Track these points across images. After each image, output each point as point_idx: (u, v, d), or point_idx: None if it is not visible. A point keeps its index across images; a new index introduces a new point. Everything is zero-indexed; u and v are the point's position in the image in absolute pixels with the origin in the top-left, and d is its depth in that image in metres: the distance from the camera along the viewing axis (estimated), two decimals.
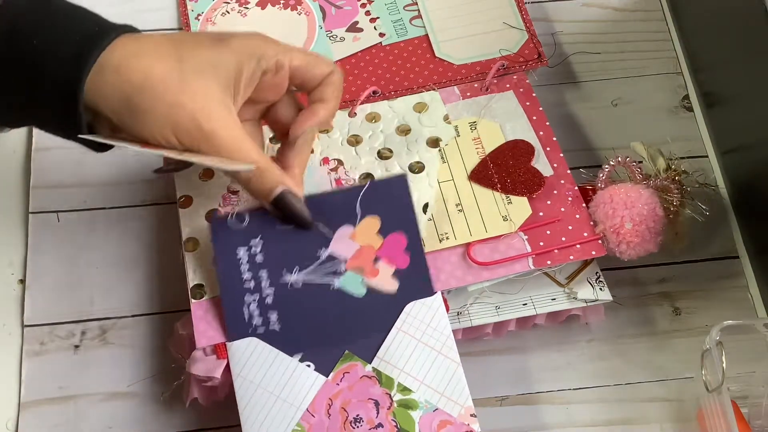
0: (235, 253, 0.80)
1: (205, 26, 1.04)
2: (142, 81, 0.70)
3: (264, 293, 0.78)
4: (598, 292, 0.85)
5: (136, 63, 0.71)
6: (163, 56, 0.72)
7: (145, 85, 0.70)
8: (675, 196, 0.87)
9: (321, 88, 0.79)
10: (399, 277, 0.79)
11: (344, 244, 0.80)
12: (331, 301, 0.79)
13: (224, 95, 0.73)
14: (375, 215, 0.81)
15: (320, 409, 0.76)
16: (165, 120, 0.71)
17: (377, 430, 0.75)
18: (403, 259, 0.80)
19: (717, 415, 0.79)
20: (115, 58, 0.70)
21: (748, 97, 0.95)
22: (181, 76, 0.71)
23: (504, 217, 0.85)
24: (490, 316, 0.85)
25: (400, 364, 0.77)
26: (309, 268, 0.79)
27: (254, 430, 0.75)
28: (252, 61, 0.75)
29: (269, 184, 0.76)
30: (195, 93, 0.72)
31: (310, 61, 0.78)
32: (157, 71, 0.71)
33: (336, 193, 0.84)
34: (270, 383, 0.77)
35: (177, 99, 0.71)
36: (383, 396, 0.76)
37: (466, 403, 0.76)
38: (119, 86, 0.70)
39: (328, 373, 0.77)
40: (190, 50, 0.73)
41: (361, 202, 0.81)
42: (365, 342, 0.78)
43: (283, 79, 0.78)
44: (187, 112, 0.71)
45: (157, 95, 0.71)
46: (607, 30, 1.08)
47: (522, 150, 0.89)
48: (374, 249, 0.80)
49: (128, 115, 0.71)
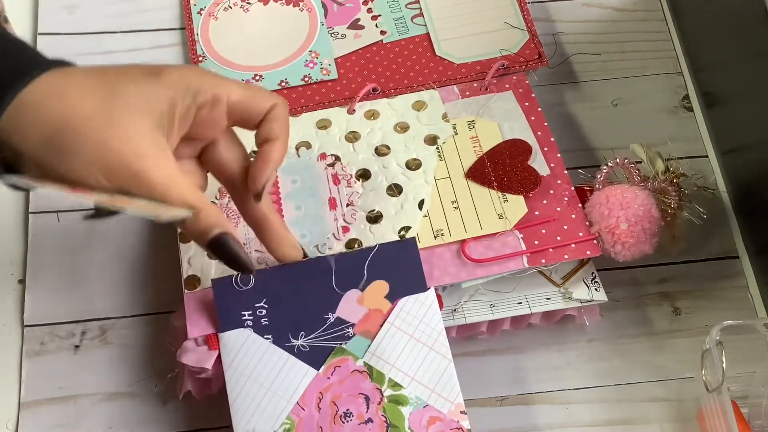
0: (239, 318, 0.79)
1: (208, 21, 1.04)
2: (66, 119, 0.65)
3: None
4: (593, 292, 0.85)
5: (59, 101, 0.66)
6: (89, 92, 0.67)
7: (69, 123, 0.65)
8: (673, 198, 0.87)
9: (266, 125, 0.74)
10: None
11: (352, 308, 0.79)
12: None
13: (155, 132, 0.68)
14: (383, 279, 0.80)
15: (310, 402, 0.76)
16: (92, 160, 0.66)
17: (367, 425, 0.75)
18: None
19: (717, 415, 0.79)
20: (37, 96, 0.66)
21: (748, 97, 0.95)
22: (109, 112, 0.66)
23: (499, 215, 0.85)
24: (485, 314, 0.84)
25: (391, 360, 0.77)
26: (316, 333, 0.79)
27: (244, 423, 0.75)
28: (187, 95, 0.70)
29: (204, 226, 0.71)
30: (123, 130, 0.67)
31: (249, 95, 0.73)
32: (82, 109, 0.66)
33: (344, 255, 0.82)
34: (261, 375, 0.77)
35: (104, 137, 0.66)
36: (374, 391, 0.76)
37: (456, 400, 0.76)
38: (40, 125, 0.65)
39: (320, 367, 0.77)
40: (119, 85, 0.68)
41: (369, 265, 0.81)
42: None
43: (220, 115, 0.72)
44: (115, 151, 0.66)
45: (83, 134, 0.66)
46: (607, 30, 1.08)
47: (519, 149, 0.89)
48: (383, 313, 0.79)
49: (53, 155, 0.66)
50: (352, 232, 0.86)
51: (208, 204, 0.70)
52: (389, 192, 0.88)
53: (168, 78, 0.69)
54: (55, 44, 1.05)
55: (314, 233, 0.86)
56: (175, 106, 0.69)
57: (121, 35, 1.06)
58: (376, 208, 0.87)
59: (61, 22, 1.07)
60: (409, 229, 0.85)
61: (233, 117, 0.73)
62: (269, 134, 0.74)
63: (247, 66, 1.00)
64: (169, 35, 1.07)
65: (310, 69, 0.99)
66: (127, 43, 1.06)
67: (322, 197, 0.88)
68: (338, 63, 1.00)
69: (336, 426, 0.75)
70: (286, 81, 0.99)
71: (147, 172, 0.67)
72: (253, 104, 0.73)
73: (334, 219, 0.86)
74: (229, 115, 0.73)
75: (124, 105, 0.67)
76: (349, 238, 0.85)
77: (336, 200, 0.88)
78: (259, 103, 0.74)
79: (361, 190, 0.88)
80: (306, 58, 1.01)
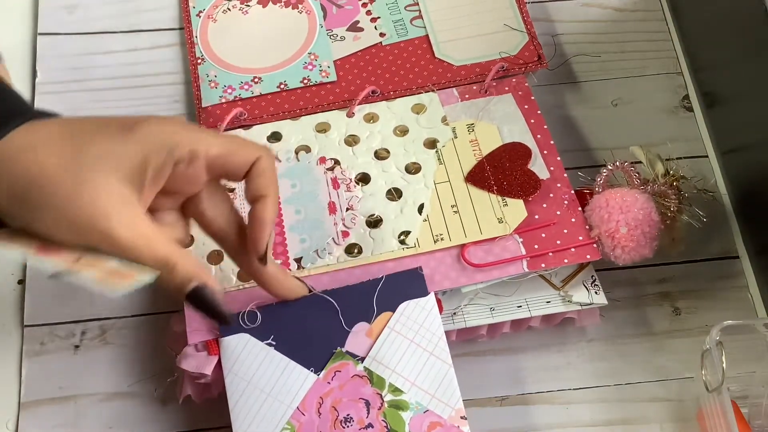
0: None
1: (207, 23, 1.04)
2: (34, 176, 0.65)
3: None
4: (593, 295, 0.85)
5: (27, 157, 0.65)
6: (57, 149, 0.66)
7: (36, 180, 0.65)
8: (672, 201, 0.87)
9: (252, 182, 0.72)
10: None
11: (360, 341, 0.79)
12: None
13: (125, 189, 0.67)
14: (391, 311, 0.80)
15: (311, 407, 0.76)
16: (59, 217, 0.65)
17: (367, 430, 0.75)
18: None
19: (717, 415, 0.79)
20: (10, 150, 0.65)
21: (748, 97, 0.95)
22: (76, 169, 0.65)
23: (499, 219, 0.85)
24: (485, 317, 0.84)
25: (391, 365, 0.77)
26: (324, 369, 0.79)
27: (245, 428, 0.76)
28: (162, 151, 0.67)
29: (180, 281, 0.69)
30: (91, 188, 0.65)
31: (231, 149, 0.71)
32: (50, 165, 0.65)
33: (351, 288, 0.82)
34: (261, 380, 0.77)
35: (70, 195, 0.65)
36: (374, 396, 0.76)
37: (457, 405, 0.76)
38: (10, 180, 0.65)
39: (320, 372, 0.77)
40: (89, 140, 0.67)
41: (378, 297, 0.81)
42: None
43: (199, 171, 0.70)
44: (81, 210, 0.65)
45: (50, 191, 0.65)
46: (607, 30, 1.08)
47: (519, 152, 0.89)
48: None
49: (22, 210, 0.66)
50: (351, 236, 0.86)
51: (183, 256, 0.69)
52: (389, 196, 0.88)
53: (142, 133, 0.67)
54: (55, 44, 1.05)
55: (314, 238, 0.86)
56: (149, 162, 0.67)
57: (121, 35, 1.06)
58: (375, 213, 0.87)
59: (61, 22, 1.07)
60: (409, 234, 0.85)
61: (214, 171, 0.71)
62: (257, 191, 0.72)
63: (246, 68, 1.00)
64: (169, 35, 1.06)
65: (309, 71, 0.99)
66: (127, 43, 1.06)
67: (321, 201, 0.88)
68: (337, 65, 1.00)
69: (336, 431, 0.75)
70: (285, 83, 0.98)
71: (114, 230, 0.65)
72: (234, 159, 0.71)
73: (333, 223, 0.86)
74: (209, 170, 0.71)
75: (92, 162, 0.66)
76: (349, 243, 0.85)
77: (335, 204, 0.88)
78: (241, 157, 0.71)
79: (361, 194, 0.88)
80: (305, 60, 1.00)
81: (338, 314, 0.79)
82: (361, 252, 0.85)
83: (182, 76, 1.03)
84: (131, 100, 1.02)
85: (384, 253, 0.84)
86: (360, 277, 0.83)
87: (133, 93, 1.03)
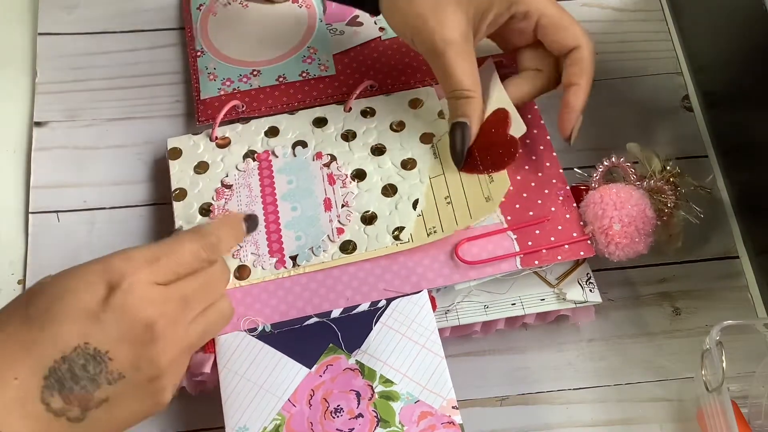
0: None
1: (207, 17, 1.05)
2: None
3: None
4: (587, 293, 0.85)
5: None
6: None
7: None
8: (669, 197, 0.87)
9: (568, 67, 0.85)
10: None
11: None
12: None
13: (468, 28, 0.83)
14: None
15: (302, 399, 0.76)
16: (412, 24, 0.83)
17: (357, 419, 0.75)
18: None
19: (717, 415, 0.78)
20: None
21: (748, 97, 0.95)
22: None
23: (486, 198, 0.85)
24: (479, 315, 0.84)
25: (383, 357, 0.78)
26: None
27: (236, 418, 0.76)
28: (504, 2, 0.83)
29: (459, 111, 0.85)
30: (443, 16, 0.82)
31: (560, 25, 0.84)
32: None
33: (351, 317, 0.82)
34: (254, 374, 0.78)
35: (424, 15, 0.82)
36: (365, 387, 0.77)
37: (449, 396, 0.76)
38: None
39: (312, 366, 0.78)
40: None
41: (377, 320, 0.81)
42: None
43: (528, 27, 0.85)
44: (430, 29, 0.82)
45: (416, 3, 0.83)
46: (607, 30, 1.08)
47: (498, 119, 0.88)
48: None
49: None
50: (346, 233, 0.86)
51: (474, 96, 0.84)
52: (384, 192, 0.88)
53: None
54: (55, 44, 1.06)
55: (309, 235, 0.86)
56: (490, 10, 0.83)
57: (121, 35, 1.07)
58: (370, 209, 0.87)
59: (61, 22, 1.07)
60: (403, 230, 0.85)
61: (539, 35, 0.86)
62: (571, 78, 0.85)
63: (245, 61, 1.00)
64: (169, 35, 1.07)
65: (308, 65, 1.00)
66: (127, 43, 1.06)
67: (317, 198, 0.88)
68: (336, 59, 1.00)
69: (327, 421, 0.75)
70: (284, 76, 0.99)
71: (446, 53, 0.82)
72: (557, 37, 0.85)
73: (329, 220, 0.86)
74: (535, 33, 0.86)
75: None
76: (344, 240, 0.85)
77: (331, 201, 0.88)
78: (564, 38, 0.84)
79: (356, 191, 0.88)
80: (304, 53, 1.01)
81: (338, 337, 0.80)
82: (355, 249, 0.85)
83: (182, 75, 1.04)
84: (131, 100, 1.02)
85: (378, 250, 0.84)
86: (353, 273, 0.83)
87: (133, 93, 1.03)
